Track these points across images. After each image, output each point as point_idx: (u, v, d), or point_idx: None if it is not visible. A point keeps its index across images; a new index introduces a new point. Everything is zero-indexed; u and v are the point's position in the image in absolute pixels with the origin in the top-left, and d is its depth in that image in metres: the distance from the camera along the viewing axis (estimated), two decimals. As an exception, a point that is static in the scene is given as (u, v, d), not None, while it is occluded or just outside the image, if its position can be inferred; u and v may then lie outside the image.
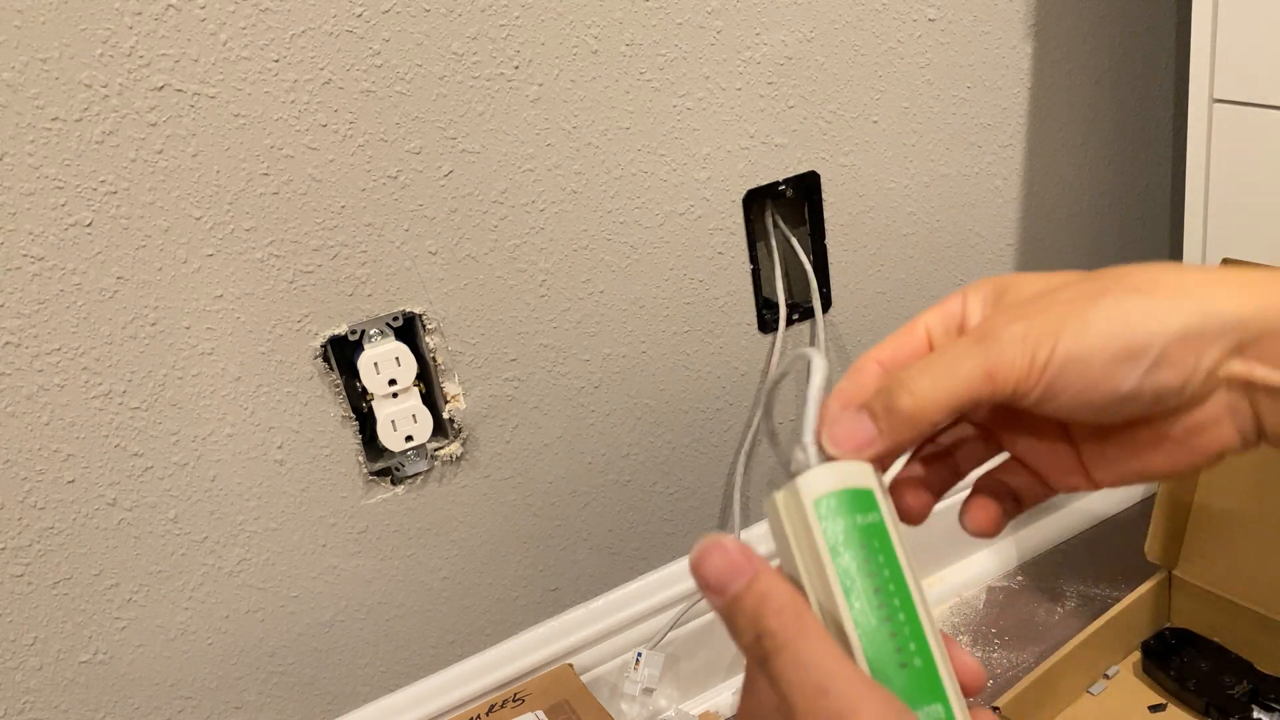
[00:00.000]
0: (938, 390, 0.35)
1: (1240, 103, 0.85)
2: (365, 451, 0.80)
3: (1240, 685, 0.88)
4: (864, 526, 0.34)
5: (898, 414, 0.35)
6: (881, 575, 0.34)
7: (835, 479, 0.34)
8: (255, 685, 0.82)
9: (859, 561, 0.33)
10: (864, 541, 0.34)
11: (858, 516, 0.34)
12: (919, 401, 0.35)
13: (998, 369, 0.34)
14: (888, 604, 0.33)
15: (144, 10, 0.64)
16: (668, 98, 0.82)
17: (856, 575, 0.33)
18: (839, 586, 0.33)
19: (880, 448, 0.36)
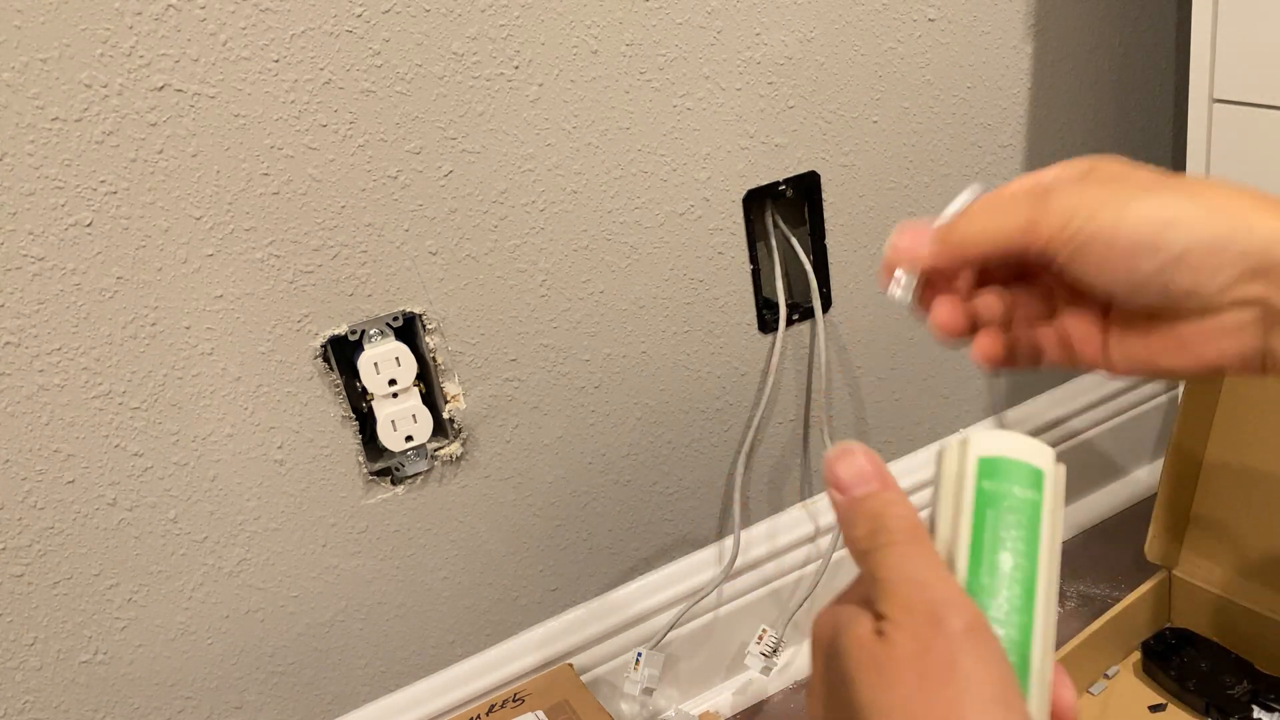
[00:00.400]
0: (988, 225, 0.41)
1: (1240, 103, 0.85)
2: (365, 451, 0.80)
3: (1240, 685, 0.88)
4: (1020, 499, 0.34)
5: (952, 233, 0.42)
6: (1014, 549, 0.34)
7: (1009, 446, 0.35)
8: (255, 685, 0.82)
9: (995, 528, 0.34)
10: (1011, 509, 0.34)
11: (1016, 488, 0.34)
12: (970, 230, 0.41)
13: (1038, 223, 0.39)
14: (998, 575, 0.33)
15: (144, 10, 0.64)
16: (668, 98, 0.82)
17: (988, 533, 0.34)
18: (967, 534, 0.34)
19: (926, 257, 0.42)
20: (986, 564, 0.33)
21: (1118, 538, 1.16)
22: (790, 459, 1.00)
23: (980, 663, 0.31)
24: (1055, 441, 1.14)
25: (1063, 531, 0.35)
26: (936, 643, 0.31)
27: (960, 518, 0.34)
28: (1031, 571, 0.34)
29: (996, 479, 0.34)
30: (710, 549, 0.99)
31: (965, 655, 0.31)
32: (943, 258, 0.42)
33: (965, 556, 0.34)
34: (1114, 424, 1.18)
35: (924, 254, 0.42)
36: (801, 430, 1.00)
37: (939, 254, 0.42)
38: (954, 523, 0.34)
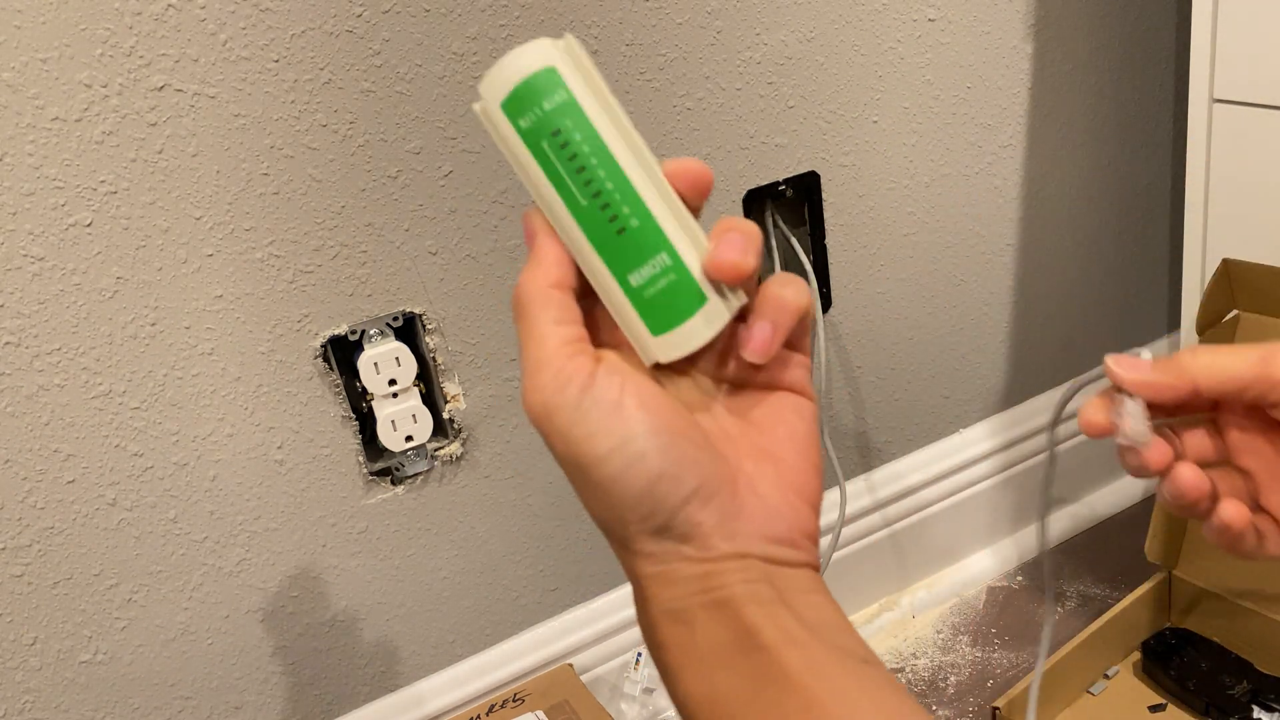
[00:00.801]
0: (1216, 358, 0.41)
1: (1240, 103, 0.85)
2: (365, 451, 0.80)
3: (1240, 685, 0.88)
4: (555, 109, 0.34)
5: (1173, 363, 0.41)
6: (581, 153, 0.34)
7: (512, 71, 0.35)
8: (255, 685, 0.82)
9: (555, 147, 0.34)
10: (559, 124, 0.34)
11: (544, 102, 0.34)
12: (1196, 359, 0.41)
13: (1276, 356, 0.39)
14: (594, 179, 0.35)
15: (144, 10, 0.64)
16: (668, 98, 0.82)
17: (556, 160, 0.34)
18: (544, 179, 0.35)
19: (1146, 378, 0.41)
20: (574, 185, 0.35)
21: (1118, 538, 1.16)
22: (790, 459, 1.00)
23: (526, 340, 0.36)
24: (1056, 441, 1.14)
25: (606, 85, 0.35)
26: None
27: (530, 172, 0.35)
28: (612, 162, 0.35)
29: (526, 110, 0.34)
30: (710, 549, 0.99)
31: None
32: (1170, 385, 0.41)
33: (558, 201, 0.35)
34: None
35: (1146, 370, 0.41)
36: (801, 430, 1.00)
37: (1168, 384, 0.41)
38: (531, 180, 0.35)
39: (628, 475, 0.34)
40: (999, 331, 1.08)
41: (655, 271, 0.36)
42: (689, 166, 0.37)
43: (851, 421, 1.02)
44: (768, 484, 0.37)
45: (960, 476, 1.09)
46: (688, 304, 0.36)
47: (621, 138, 0.35)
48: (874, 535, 1.06)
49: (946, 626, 1.08)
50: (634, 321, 0.36)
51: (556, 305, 0.36)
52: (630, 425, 0.34)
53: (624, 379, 0.35)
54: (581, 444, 0.34)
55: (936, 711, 0.97)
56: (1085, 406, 0.43)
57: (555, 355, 0.35)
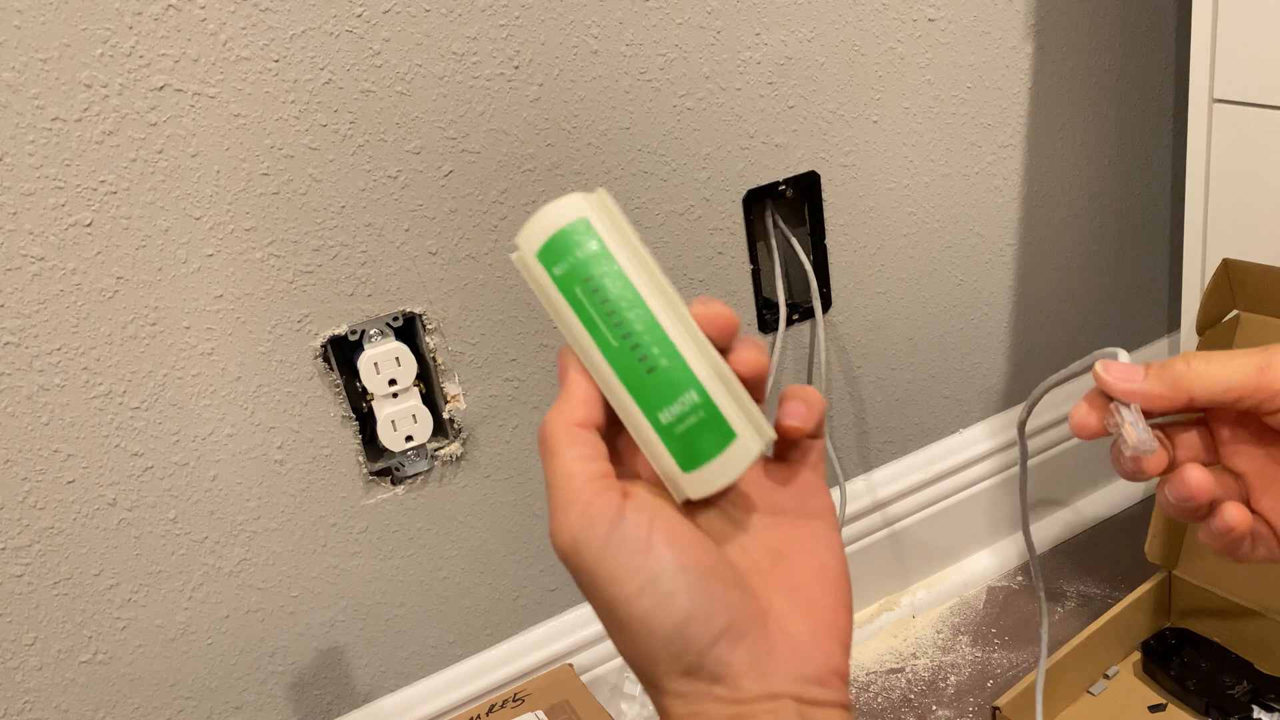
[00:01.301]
0: (1211, 366, 0.40)
1: (1240, 103, 0.85)
2: (365, 451, 0.80)
3: (1240, 685, 0.88)
4: (587, 256, 0.37)
5: (1167, 372, 0.40)
6: (612, 297, 0.37)
7: (549, 223, 0.37)
8: (255, 685, 0.82)
9: (588, 292, 0.37)
10: (592, 271, 0.37)
11: (576, 251, 0.37)
12: (1190, 369, 0.40)
13: (1272, 365, 0.39)
14: (624, 321, 0.36)
15: (144, 10, 0.64)
16: (668, 98, 0.82)
17: (589, 305, 0.37)
18: (577, 322, 0.37)
19: (1139, 388, 0.40)
20: (606, 328, 0.36)
21: (1118, 538, 1.16)
22: (790, 459, 1.00)
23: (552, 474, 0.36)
24: (1056, 440, 1.14)
25: (636, 235, 0.37)
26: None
27: (564, 315, 0.37)
28: (642, 305, 0.37)
29: (561, 258, 0.37)
30: (710, 549, 0.99)
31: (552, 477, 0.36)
32: (1165, 397, 0.40)
33: (591, 342, 0.37)
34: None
35: (1137, 379, 0.40)
36: (801, 430, 1.00)
37: (1163, 395, 0.40)
38: (565, 323, 0.37)
39: (656, 614, 0.33)
40: (999, 331, 1.08)
41: (684, 409, 0.37)
42: (716, 311, 0.37)
43: (851, 421, 1.02)
44: (798, 621, 0.36)
45: (960, 476, 1.10)
46: (717, 440, 0.37)
47: (650, 282, 0.37)
48: (874, 535, 1.06)
49: (946, 626, 1.08)
50: (665, 458, 0.37)
51: (583, 442, 0.36)
52: (659, 563, 0.34)
53: (652, 515, 0.35)
54: (610, 582, 0.34)
55: (936, 712, 0.97)
56: (1075, 409, 0.42)
57: (582, 491, 0.35)
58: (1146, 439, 0.40)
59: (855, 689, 1.01)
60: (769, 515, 0.39)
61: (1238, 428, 0.42)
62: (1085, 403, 0.42)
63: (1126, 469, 0.42)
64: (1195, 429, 0.43)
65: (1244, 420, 0.42)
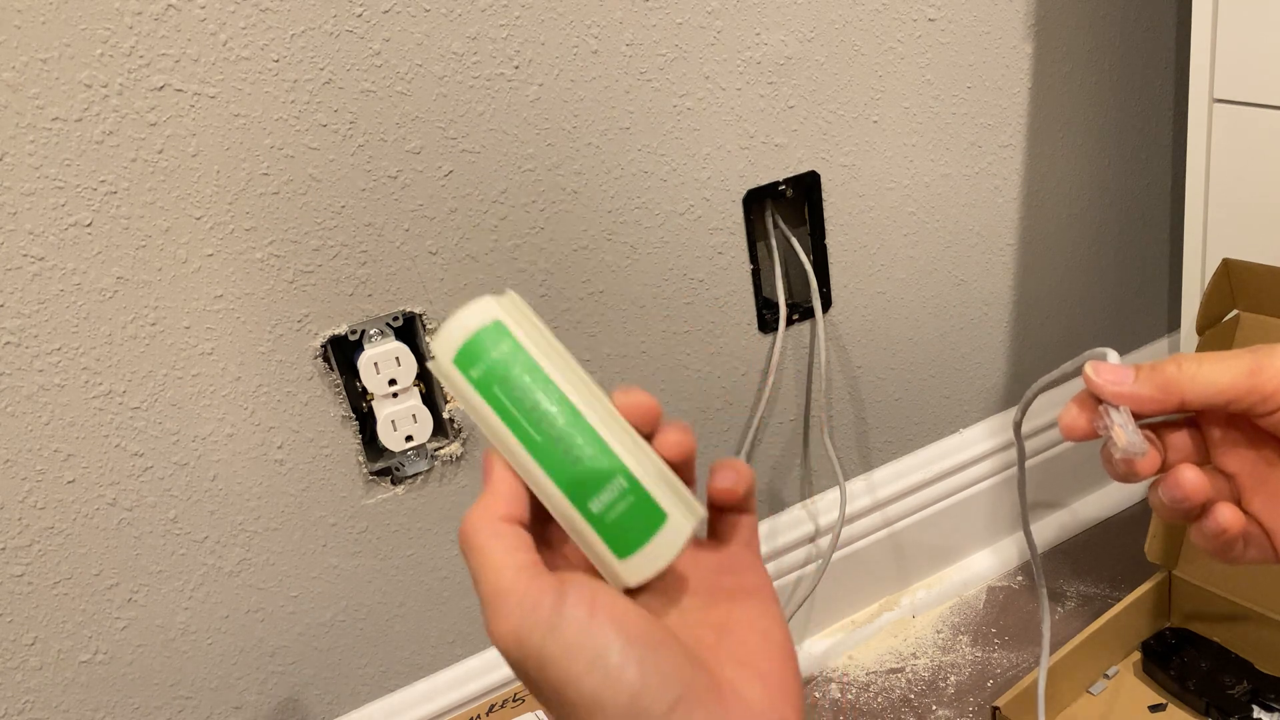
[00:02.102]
0: (1202, 368, 0.39)
1: (1240, 103, 0.85)
2: (365, 451, 0.80)
3: (1240, 685, 0.88)
4: (503, 357, 0.37)
5: (1158, 374, 0.40)
6: (531, 393, 0.37)
7: (462, 328, 0.37)
8: (255, 685, 0.82)
9: (508, 391, 0.37)
10: (509, 371, 0.37)
11: (492, 352, 0.37)
12: (1182, 372, 0.39)
13: (1264, 368, 0.38)
14: (546, 415, 0.37)
15: (144, 10, 0.64)
16: (668, 98, 0.82)
17: (510, 403, 0.37)
18: (498, 421, 0.37)
19: (1129, 390, 0.40)
20: (528, 424, 0.37)
21: (1117, 538, 1.16)
22: (790, 459, 1.00)
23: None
24: (1056, 441, 1.14)
25: (549, 332, 0.38)
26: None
27: (485, 416, 0.37)
28: (562, 399, 0.37)
29: (476, 361, 0.37)
30: (710, 549, 0.99)
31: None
32: (1155, 400, 0.40)
33: (514, 439, 0.37)
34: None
35: (1126, 381, 0.40)
36: (801, 430, 1.00)
37: (1154, 398, 0.40)
38: (487, 424, 0.37)
39: (607, 691, 0.33)
40: (999, 331, 1.08)
41: (614, 496, 0.37)
42: (638, 400, 0.38)
43: (851, 421, 1.02)
44: (751, 688, 0.36)
45: (960, 476, 1.10)
46: (650, 523, 0.37)
47: (568, 375, 0.37)
48: (874, 535, 1.06)
49: (946, 626, 1.08)
50: (599, 547, 0.37)
51: (508, 534, 0.36)
52: (606, 639, 0.33)
53: (593, 594, 0.35)
54: (558, 663, 0.33)
55: (936, 712, 0.97)
56: (1065, 411, 0.42)
57: (516, 581, 0.34)
58: (1136, 441, 0.40)
59: (855, 689, 1.01)
60: (707, 593, 0.39)
61: (1229, 429, 0.42)
62: (1075, 404, 0.42)
63: (1118, 471, 0.42)
64: (1186, 430, 0.43)
65: (1235, 422, 0.42)
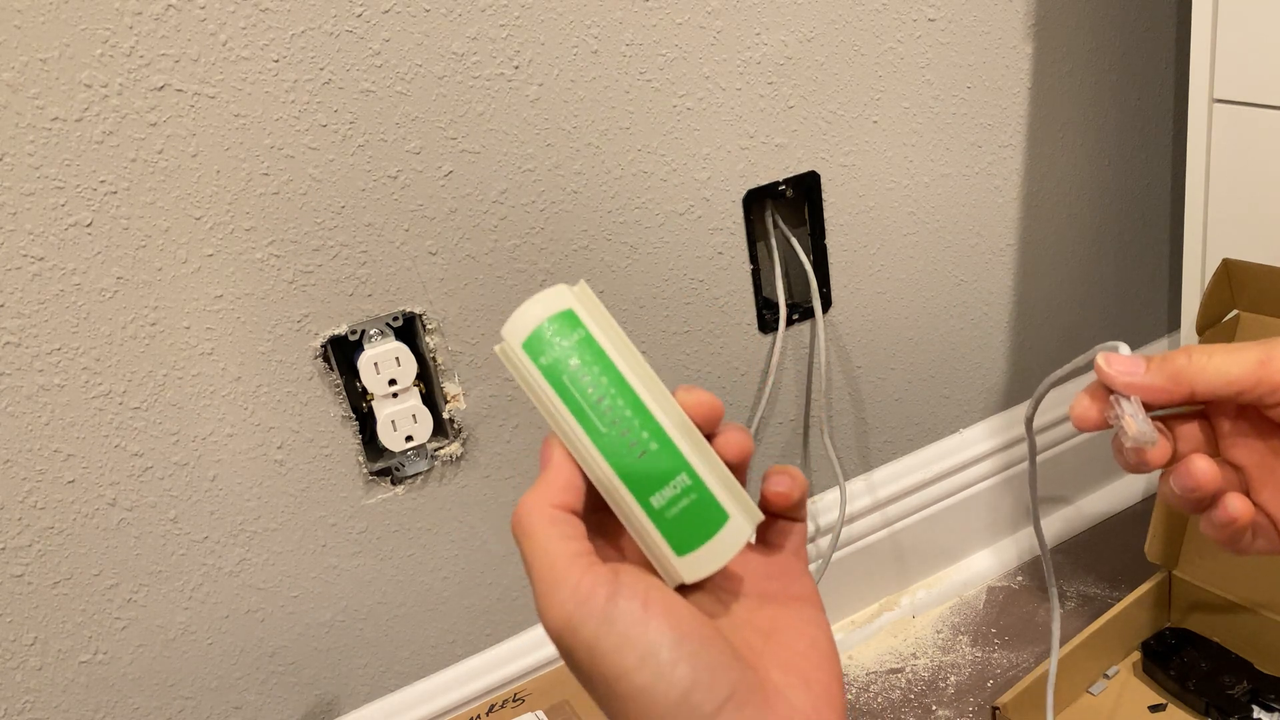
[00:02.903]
0: (1213, 359, 0.39)
1: (1240, 103, 0.85)
2: (365, 451, 0.80)
3: (1240, 685, 0.88)
4: (573, 346, 0.37)
5: (1169, 365, 0.40)
6: (600, 384, 0.37)
7: (534, 314, 0.37)
8: (255, 685, 0.82)
9: (576, 380, 0.37)
10: (578, 360, 0.37)
11: (562, 340, 0.37)
12: (1192, 363, 0.40)
13: (1274, 358, 0.39)
14: (613, 407, 0.37)
15: (144, 10, 0.64)
16: (668, 98, 0.82)
17: (577, 393, 0.37)
18: (565, 409, 0.37)
19: (1141, 381, 0.40)
20: (595, 415, 0.37)
21: (1118, 537, 1.16)
22: (790, 459, 1.00)
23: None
24: (1057, 441, 1.14)
25: (618, 325, 0.38)
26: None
27: (552, 404, 0.37)
28: (629, 391, 0.37)
29: (546, 349, 0.37)
30: (710, 549, 0.99)
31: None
32: (1166, 390, 0.40)
33: (580, 429, 0.37)
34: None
35: (1138, 371, 0.40)
36: (801, 430, 1.00)
37: (1164, 388, 0.40)
38: (552, 412, 0.37)
39: (660, 686, 0.33)
40: (999, 331, 1.08)
41: (676, 493, 0.37)
42: (701, 398, 0.38)
43: (851, 421, 1.02)
44: (797, 693, 0.36)
45: (960, 476, 1.10)
46: (711, 523, 0.37)
47: (635, 369, 0.37)
48: (874, 535, 1.06)
49: (946, 626, 1.08)
50: (658, 543, 0.37)
51: (562, 522, 0.36)
52: (659, 634, 0.34)
53: (646, 588, 0.35)
54: (610, 656, 0.33)
55: (936, 712, 0.97)
56: (1076, 401, 0.42)
57: (570, 570, 0.34)
58: (1147, 430, 0.40)
59: (855, 689, 1.01)
60: (756, 597, 0.39)
61: (1238, 420, 0.42)
62: (1086, 395, 0.42)
63: (1129, 461, 0.42)
64: (1195, 421, 0.43)
65: (1244, 413, 0.42)
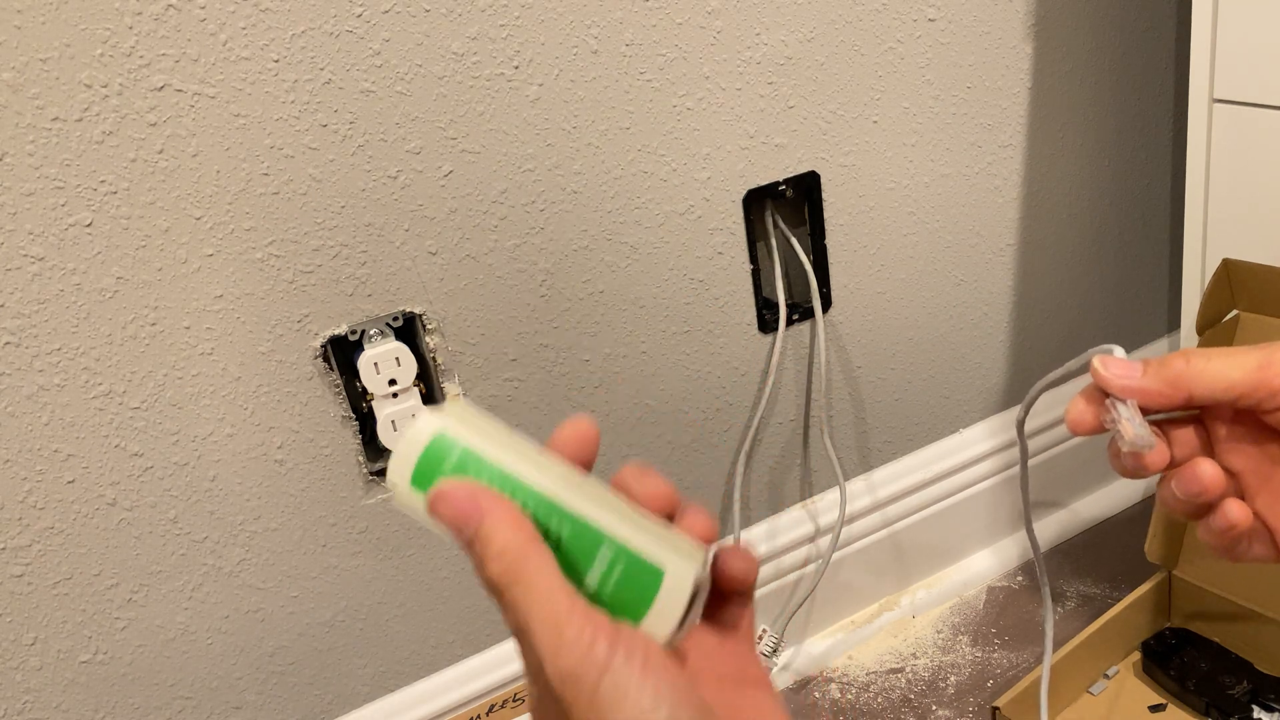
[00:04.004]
0: (1211, 363, 0.39)
1: (1240, 103, 0.85)
2: (365, 451, 0.80)
3: (1240, 685, 0.88)
4: (455, 465, 0.37)
5: (1167, 369, 0.39)
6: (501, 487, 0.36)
7: (408, 452, 0.37)
8: (255, 685, 0.82)
9: None
10: (466, 474, 0.37)
11: (444, 465, 0.37)
12: (1190, 367, 0.39)
13: (1273, 363, 0.38)
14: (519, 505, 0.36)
15: (144, 10, 0.64)
16: (668, 98, 0.82)
17: None
18: None
19: (1137, 384, 0.40)
20: None
21: (1118, 538, 1.16)
22: (790, 459, 1.00)
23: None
24: (1056, 441, 1.14)
25: (498, 422, 0.37)
26: None
27: None
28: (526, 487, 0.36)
29: (431, 478, 0.37)
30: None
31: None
32: (1164, 394, 0.39)
33: None
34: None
35: (1134, 375, 0.40)
36: (801, 430, 1.00)
37: (1161, 392, 0.39)
38: None
39: None
40: (999, 331, 1.08)
41: (605, 566, 0.36)
42: (576, 427, 0.37)
43: (851, 421, 1.02)
44: None
45: (960, 476, 1.10)
46: (650, 582, 0.36)
47: (524, 461, 0.36)
48: (874, 535, 1.06)
49: (946, 626, 1.08)
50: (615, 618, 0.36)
51: (548, 554, 0.34)
52: (657, 697, 0.32)
53: (645, 647, 0.33)
54: (609, 709, 0.32)
55: (936, 712, 0.97)
56: (1071, 405, 0.42)
57: (573, 611, 0.33)
58: (1144, 434, 0.40)
59: (855, 689, 1.01)
60: (715, 679, 0.38)
61: (1235, 425, 0.42)
62: (1082, 398, 0.42)
63: (1126, 465, 0.41)
64: (1191, 426, 0.43)
65: (1241, 418, 0.42)
